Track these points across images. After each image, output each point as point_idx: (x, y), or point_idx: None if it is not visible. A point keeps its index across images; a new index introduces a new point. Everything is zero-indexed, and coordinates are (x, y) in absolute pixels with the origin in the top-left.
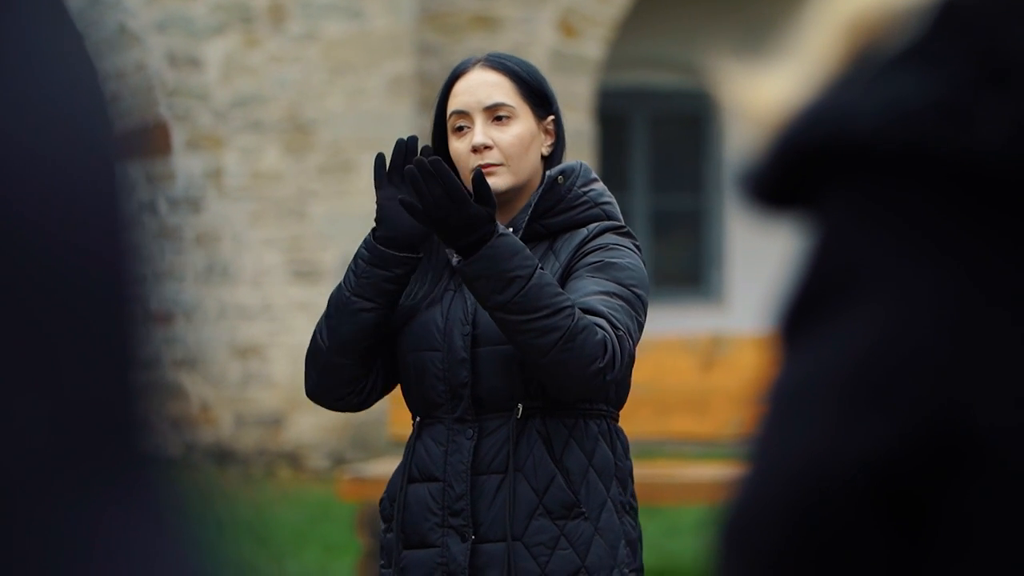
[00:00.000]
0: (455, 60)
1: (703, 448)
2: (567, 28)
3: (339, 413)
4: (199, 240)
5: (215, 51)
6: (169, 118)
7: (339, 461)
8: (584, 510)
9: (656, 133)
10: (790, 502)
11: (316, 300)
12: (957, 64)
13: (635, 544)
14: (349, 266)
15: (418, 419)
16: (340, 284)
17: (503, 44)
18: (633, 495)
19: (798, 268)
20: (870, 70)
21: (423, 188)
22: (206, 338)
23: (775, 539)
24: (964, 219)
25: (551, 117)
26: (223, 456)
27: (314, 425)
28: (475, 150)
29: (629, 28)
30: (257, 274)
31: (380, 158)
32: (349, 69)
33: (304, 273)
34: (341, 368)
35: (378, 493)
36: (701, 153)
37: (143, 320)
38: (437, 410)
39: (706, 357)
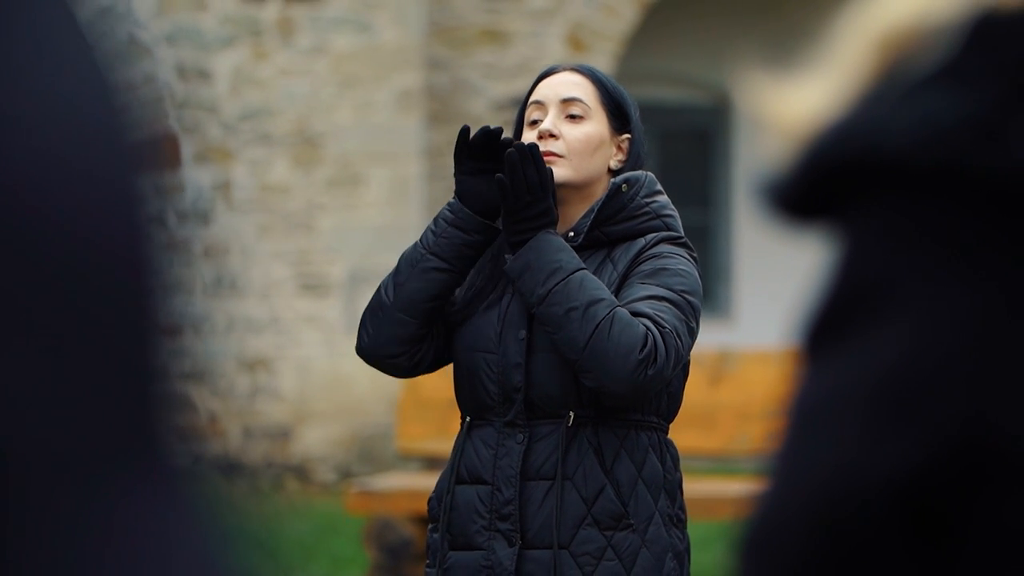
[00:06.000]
0: (464, 74)
1: (710, 463)
2: (576, 42)
3: (347, 426)
4: (207, 253)
5: (224, 63)
6: (178, 130)
7: (346, 474)
8: (632, 522)
9: (664, 148)
10: (813, 516)
11: (324, 314)
12: (990, 81)
13: (682, 557)
14: (428, 227)
15: (468, 419)
16: (415, 243)
17: (512, 58)
18: (682, 507)
19: (823, 282)
20: (902, 86)
21: (519, 170)
22: (214, 350)
23: (798, 554)
24: (993, 237)
25: (627, 136)
26: (231, 468)
27: (321, 438)
28: (540, 136)
29: (638, 43)
30: (265, 287)
31: (466, 130)
32: (358, 82)
33: (312, 286)
34: (402, 325)
35: (385, 507)
36: (709, 168)
37: (161, 329)
38: (488, 412)
39: (713, 372)
